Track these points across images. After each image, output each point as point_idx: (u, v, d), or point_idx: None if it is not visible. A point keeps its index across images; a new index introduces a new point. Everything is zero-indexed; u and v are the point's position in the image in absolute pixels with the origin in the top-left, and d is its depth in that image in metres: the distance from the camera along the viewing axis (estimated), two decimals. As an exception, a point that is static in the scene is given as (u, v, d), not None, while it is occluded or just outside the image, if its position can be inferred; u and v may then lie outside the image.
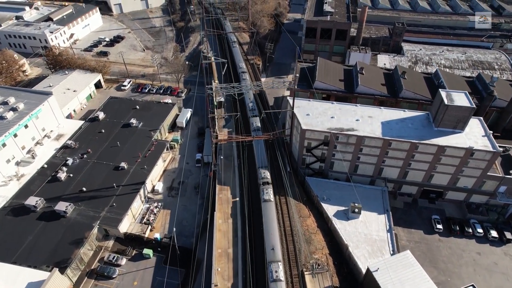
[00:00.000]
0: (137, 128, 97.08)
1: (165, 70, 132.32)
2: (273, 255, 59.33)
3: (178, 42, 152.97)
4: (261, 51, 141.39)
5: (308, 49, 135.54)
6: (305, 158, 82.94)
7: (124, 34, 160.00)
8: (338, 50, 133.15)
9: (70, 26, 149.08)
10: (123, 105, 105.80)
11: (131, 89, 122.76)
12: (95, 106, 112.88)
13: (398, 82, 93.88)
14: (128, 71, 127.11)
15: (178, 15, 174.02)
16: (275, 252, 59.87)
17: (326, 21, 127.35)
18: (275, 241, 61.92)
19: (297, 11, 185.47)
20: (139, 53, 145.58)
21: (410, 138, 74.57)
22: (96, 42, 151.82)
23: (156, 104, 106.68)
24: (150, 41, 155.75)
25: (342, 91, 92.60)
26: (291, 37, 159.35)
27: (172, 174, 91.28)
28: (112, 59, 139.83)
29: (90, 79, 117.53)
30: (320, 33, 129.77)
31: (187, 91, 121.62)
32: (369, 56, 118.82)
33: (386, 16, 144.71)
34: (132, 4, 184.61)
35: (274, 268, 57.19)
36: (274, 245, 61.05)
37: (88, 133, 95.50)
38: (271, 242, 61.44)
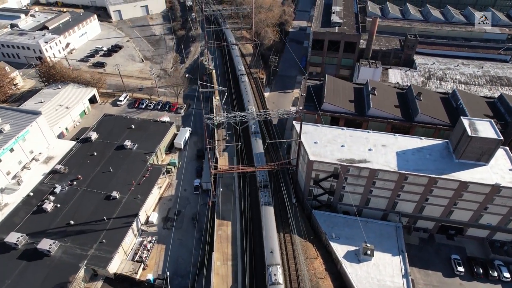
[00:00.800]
0: (131, 150, 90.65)
1: (164, 83, 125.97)
2: (271, 258, 59.88)
3: (178, 52, 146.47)
4: (264, 62, 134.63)
5: (315, 62, 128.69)
6: (312, 189, 76.11)
7: (122, 42, 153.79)
8: (346, 63, 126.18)
9: (66, 35, 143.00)
10: (118, 124, 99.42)
11: (127, 104, 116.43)
12: (89, 124, 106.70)
13: (413, 104, 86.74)
14: (124, 85, 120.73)
15: (179, 23, 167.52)
16: (273, 255, 60.20)
17: (334, 33, 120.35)
18: (274, 244, 62.17)
19: (303, 18, 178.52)
20: (137, 64, 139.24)
21: (429, 171, 67.55)
22: (93, 51, 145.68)
23: (152, 123, 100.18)
24: (149, 50, 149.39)
25: (353, 114, 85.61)
26: (296, 46, 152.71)
27: (168, 202, 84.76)
28: (109, 70, 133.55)
29: (85, 94, 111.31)
30: (327, 45, 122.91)
31: (187, 107, 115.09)
32: (379, 71, 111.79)
33: (397, 27, 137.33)
34: (132, 10, 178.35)
35: (273, 271, 57.76)
36: (273, 248, 61.47)
37: (79, 156, 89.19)
38: (270, 246, 61.88)
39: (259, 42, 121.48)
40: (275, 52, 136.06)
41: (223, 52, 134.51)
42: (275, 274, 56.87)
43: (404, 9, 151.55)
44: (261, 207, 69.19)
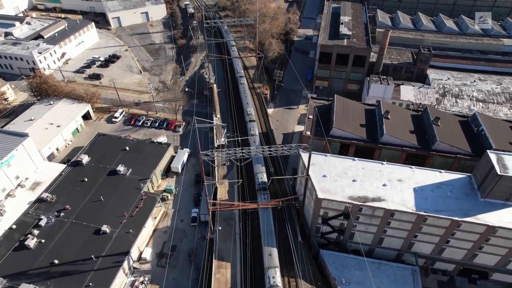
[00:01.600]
0: (125, 176, 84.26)
1: (162, 97, 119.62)
2: (270, 261, 60.11)
3: (178, 63, 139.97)
4: (268, 75, 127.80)
5: (322, 75, 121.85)
6: (320, 227, 69.34)
7: (120, 52, 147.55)
8: (355, 77, 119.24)
9: (61, 45, 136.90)
10: (112, 145, 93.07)
11: (123, 121, 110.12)
12: (81, 143, 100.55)
13: (429, 129, 79.66)
14: (121, 100, 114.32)
15: (180, 31, 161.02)
16: (272, 258, 60.36)
17: (343, 46, 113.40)
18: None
19: (308, 26, 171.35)
20: (135, 76, 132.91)
21: (450, 212, 60.61)
22: (89, 62, 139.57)
23: (148, 145, 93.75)
24: (148, 60, 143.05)
25: (364, 141, 78.70)
26: (301, 57, 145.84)
27: (163, 235, 78.29)
28: (105, 82, 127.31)
29: (78, 111, 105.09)
30: (335, 59, 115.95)
31: (185, 124, 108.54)
32: (391, 88, 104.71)
33: (408, 38, 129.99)
34: (131, 17, 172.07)
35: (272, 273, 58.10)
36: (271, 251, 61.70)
37: (69, 181, 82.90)
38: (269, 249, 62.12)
39: (262, 56, 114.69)
40: (280, 64, 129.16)
41: (224, 64, 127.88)
42: (274, 277, 57.47)
43: (416, 18, 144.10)
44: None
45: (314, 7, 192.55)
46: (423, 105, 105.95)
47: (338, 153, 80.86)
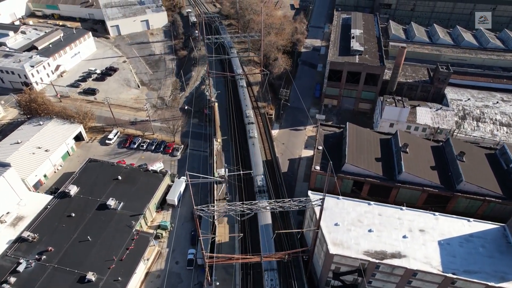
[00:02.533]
0: (115, 211, 76.91)
1: (160, 115, 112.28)
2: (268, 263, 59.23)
3: (179, 76, 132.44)
4: (274, 92, 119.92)
5: (331, 94, 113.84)
6: (330, 280, 61.46)
7: (118, 63, 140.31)
8: (367, 96, 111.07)
9: (56, 57, 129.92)
10: (103, 173, 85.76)
11: (118, 142, 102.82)
12: (72, 167, 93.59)
13: (453, 165, 71.33)
14: (116, 119, 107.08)
15: (181, 41, 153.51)
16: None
17: (355, 64, 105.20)
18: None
19: (316, 36, 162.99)
20: (133, 91, 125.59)
21: (484, 274, 52.54)
22: (85, 74, 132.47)
23: (143, 173, 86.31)
24: (147, 73, 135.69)
25: (380, 178, 70.55)
26: (309, 71, 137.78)
27: (156, 280, 70.83)
28: (101, 98, 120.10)
29: (69, 132, 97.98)
30: (346, 77, 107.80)
31: (184, 147, 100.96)
32: (407, 111, 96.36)
33: (424, 53, 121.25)
34: (131, 25, 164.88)
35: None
36: None
37: (54, 217, 75.69)
38: None
39: (267, 73, 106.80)
40: (286, 80, 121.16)
41: (226, 79, 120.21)
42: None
43: (431, 30, 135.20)
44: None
45: (321, 15, 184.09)
46: (440, 129, 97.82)
47: (350, 191, 72.92)
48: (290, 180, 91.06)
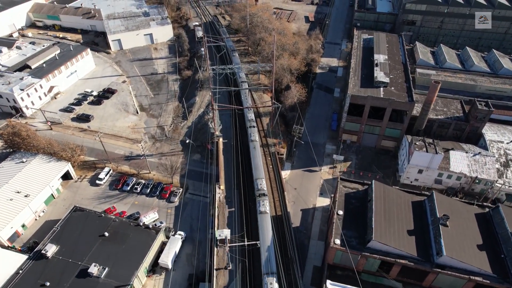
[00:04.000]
0: (98, 280, 65.68)
1: (158, 150, 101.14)
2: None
3: (181, 101, 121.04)
4: (286, 123, 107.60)
5: (350, 129, 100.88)
6: None
7: (117, 84, 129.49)
8: (392, 134, 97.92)
9: (49, 78, 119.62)
10: (88, 227, 74.72)
11: (110, 182, 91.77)
12: (56, 213, 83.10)
13: (508, 246, 58.08)
14: (109, 154, 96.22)
15: (186, 59, 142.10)
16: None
17: (379, 99, 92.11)
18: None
19: (333, 54, 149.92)
20: (130, 117, 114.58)
21: None
22: (80, 97, 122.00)
23: (133, 229, 74.88)
24: (147, 96, 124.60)
25: (414, 259, 57.74)
26: (325, 96, 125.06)
27: None
28: (95, 125, 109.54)
29: (55, 172, 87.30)
30: (368, 112, 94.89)
31: (183, 191, 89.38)
32: (439, 158, 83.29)
33: (457, 83, 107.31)
34: (134, 39, 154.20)
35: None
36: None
37: (25, 286, 64.79)
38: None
39: (279, 106, 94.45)
40: (299, 110, 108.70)
41: (233, 109, 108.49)
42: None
43: (463, 55, 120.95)
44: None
45: (338, 29, 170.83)
46: (479, 179, 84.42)
47: (375, 271, 60.30)
48: (303, 238, 78.71)
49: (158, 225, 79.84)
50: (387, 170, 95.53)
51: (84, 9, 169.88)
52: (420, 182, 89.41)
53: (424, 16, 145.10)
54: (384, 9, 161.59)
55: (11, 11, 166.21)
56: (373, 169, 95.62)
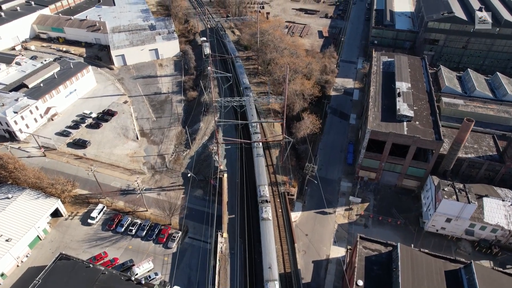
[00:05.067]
0: None
1: (157, 183, 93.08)
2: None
3: (185, 125, 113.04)
4: (297, 157, 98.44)
5: (368, 166, 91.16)
6: None
7: (118, 105, 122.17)
8: (415, 173, 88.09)
9: (46, 99, 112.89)
10: (73, 281, 66.51)
11: (103, 221, 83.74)
12: (41, 258, 75.56)
13: None
14: (104, 185, 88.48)
15: (192, 78, 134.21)
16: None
17: (402, 136, 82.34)
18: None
19: (348, 74, 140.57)
20: (130, 143, 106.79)
21: None
22: (78, 119, 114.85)
23: (124, 285, 66.43)
24: (149, 119, 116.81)
25: None
26: (339, 123, 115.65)
27: None
28: (92, 153, 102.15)
29: (42, 210, 79.71)
30: (390, 149, 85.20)
31: (182, 235, 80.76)
32: (472, 208, 73.16)
33: (488, 115, 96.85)
34: (138, 55, 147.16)
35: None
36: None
37: None
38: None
39: (291, 140, 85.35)
40: (311, 141, 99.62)
41: (239, 131, 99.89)
42: None
43: (494, 81, 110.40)
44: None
45: (354, 46, 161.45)
46: (518, 233, 73.97)
47: None
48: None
49: (152, 277, 71.41)
50: (409, 215, 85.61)
51: (88, 21, 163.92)
52: (447, 231, 79.36)
53: (448, 35, 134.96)
54: (404, 25, 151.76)
55: (15, 23, 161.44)
56: (393, 213, 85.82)
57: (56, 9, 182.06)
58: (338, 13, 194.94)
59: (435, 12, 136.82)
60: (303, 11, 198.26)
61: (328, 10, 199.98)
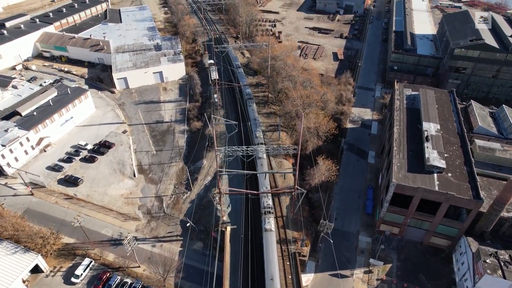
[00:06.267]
0: None
1: (153, 231, 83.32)
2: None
3: (187, 161, 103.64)
4: (310, 206, 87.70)
5: (391, 220, 79.82)
6: None
7: (116, 134, 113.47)
8: (446, 231, 76.75)
9: (38, 129, 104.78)
10: None
11: (89, 279, 74.00)
12: (15, 326, 65.54)
13: None
14: (93, 233, 79.12)
15: (197, 105, 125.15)
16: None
17: (433, 192, 71.00)
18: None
19: (365, 103, 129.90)
20: (126, 182, 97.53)
21: None
22: (73, 151, 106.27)
23: None
24: (148, 153, 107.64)
25: None
26: (356, 161, 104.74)
27: None
28: (84, 192, 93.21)
29: (20, 267, 70.43)
30: (417, 204, 73.91)
31: (176, 301, 70.58)
32: (521, 287, 60.89)
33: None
34: (141, 78, 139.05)
35: None
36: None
37: None
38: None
39: (304, 192, 74.72)
40: (326, 187, 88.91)
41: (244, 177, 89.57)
42: None
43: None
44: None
45: (371, 71, 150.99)
46: None
47: None
48: None
49: None
50: (439, 282, 73.87)
51: (92, 40, 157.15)
52: (488, 308, 67.26)
53: (477, 64, 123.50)
54: (426, 50, 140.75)
55: (18, 42, 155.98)
56: (420, 279, 74.16)
57: (61, 26, 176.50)
58: (353, 33, 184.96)
59: (462, 38, 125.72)
60: (316, 30, 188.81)
61: (343, 29, 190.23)
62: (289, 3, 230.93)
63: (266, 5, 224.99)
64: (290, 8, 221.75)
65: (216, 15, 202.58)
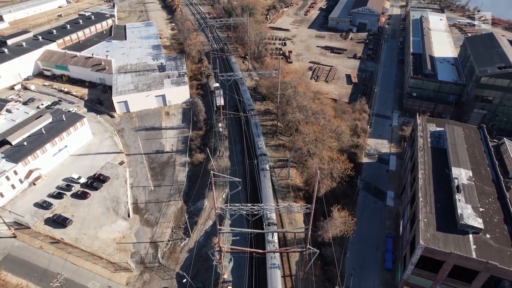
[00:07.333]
0: None
1: (145, 286, 73.84)
2: None
3: (187, 199, 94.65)
4: (322, 259, 77.50)
5: (416, 284, 69.09)
6: None
7: (113, 166, 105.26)
8: (483, 302, 64.99)
9: (28, 161, 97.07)
10: None
11: None
12: None
13: None
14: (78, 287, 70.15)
15: (200, 134, 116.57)
16: None
17: (470, 260, 60.42)
18: None
19: (382, 133, 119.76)
20: (119, 223, 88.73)
21: None
22: (64, 185, 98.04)
23: None
24: (145, 189, 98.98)
25: None
26: (374, 204, 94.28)
27: None
28: (72, 235, 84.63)
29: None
30: (449, 270, 63.33)
31: None
32: None
33: None
34: (143, 101, 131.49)
35: None
36: None
37: None
38: None
39: (316, 252, 64.91)
40: (340, 240, 78.75)
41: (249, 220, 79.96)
42: None
43: None
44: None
45: (387, 97, 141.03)
46: None
47: None
48: None
49: None
50: None
51: (94, 59, 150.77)
52: None
53: (506, 93, 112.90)
54: (447, 76, 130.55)
55: (19, 60, 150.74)
56: None
57: (64, 43, 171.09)
58: (367, 53, 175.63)
59: (489, 65, 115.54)
60: (328, 49, 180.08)
61: (357, 48, 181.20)
62: (300, 19, 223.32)
63: (276, 22, 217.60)
64: (301, 25, 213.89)
65: (224, 32, 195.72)
